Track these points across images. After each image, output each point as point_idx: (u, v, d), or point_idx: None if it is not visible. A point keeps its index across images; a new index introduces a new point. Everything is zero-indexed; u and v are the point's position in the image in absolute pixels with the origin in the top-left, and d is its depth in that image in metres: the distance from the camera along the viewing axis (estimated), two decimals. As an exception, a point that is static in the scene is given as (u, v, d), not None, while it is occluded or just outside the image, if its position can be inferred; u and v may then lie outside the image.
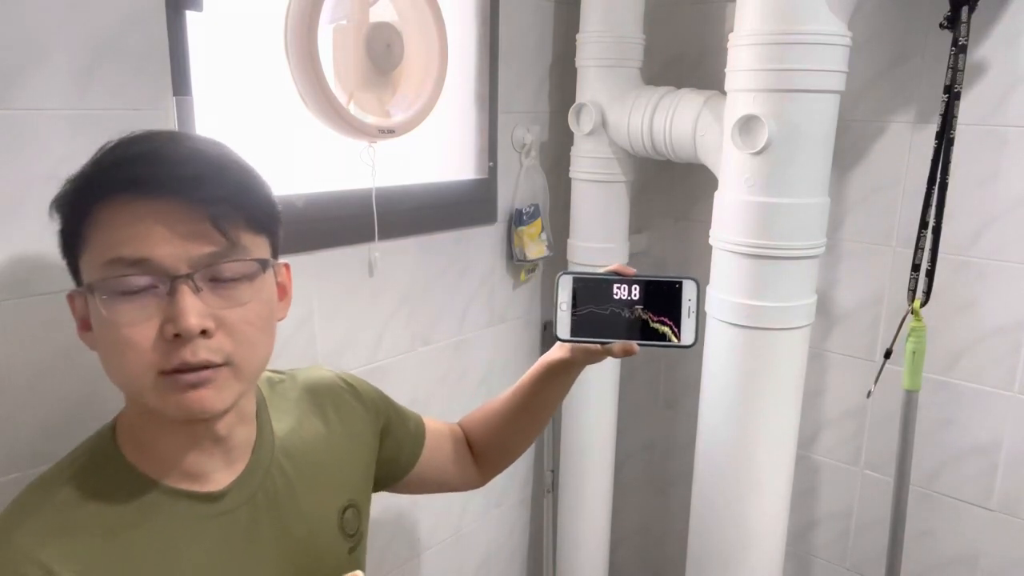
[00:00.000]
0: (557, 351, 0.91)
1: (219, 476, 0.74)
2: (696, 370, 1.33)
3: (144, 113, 0.91)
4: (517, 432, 1.00)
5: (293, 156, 1.14)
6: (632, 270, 0.84)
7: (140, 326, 0.64)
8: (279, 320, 0.76)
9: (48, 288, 0.86)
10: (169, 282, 0.64)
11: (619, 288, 0.83)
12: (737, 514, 1.26)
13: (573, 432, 1.59)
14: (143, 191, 0.64)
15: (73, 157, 0.84)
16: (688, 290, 0.82)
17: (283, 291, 0.77)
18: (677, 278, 0.83)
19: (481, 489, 1.58)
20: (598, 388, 1.56)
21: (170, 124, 0.94)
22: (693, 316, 0.82)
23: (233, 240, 0.67)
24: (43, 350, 0.87)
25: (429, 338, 1.40)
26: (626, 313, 0.83)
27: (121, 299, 0.64)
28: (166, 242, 0.64)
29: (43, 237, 0.85)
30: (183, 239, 0.64)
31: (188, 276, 0.64)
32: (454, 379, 1.47)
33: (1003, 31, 1.19)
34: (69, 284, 0.86)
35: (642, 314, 0.83)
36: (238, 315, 0.68)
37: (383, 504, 1.38)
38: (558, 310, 0.83)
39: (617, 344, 0.83)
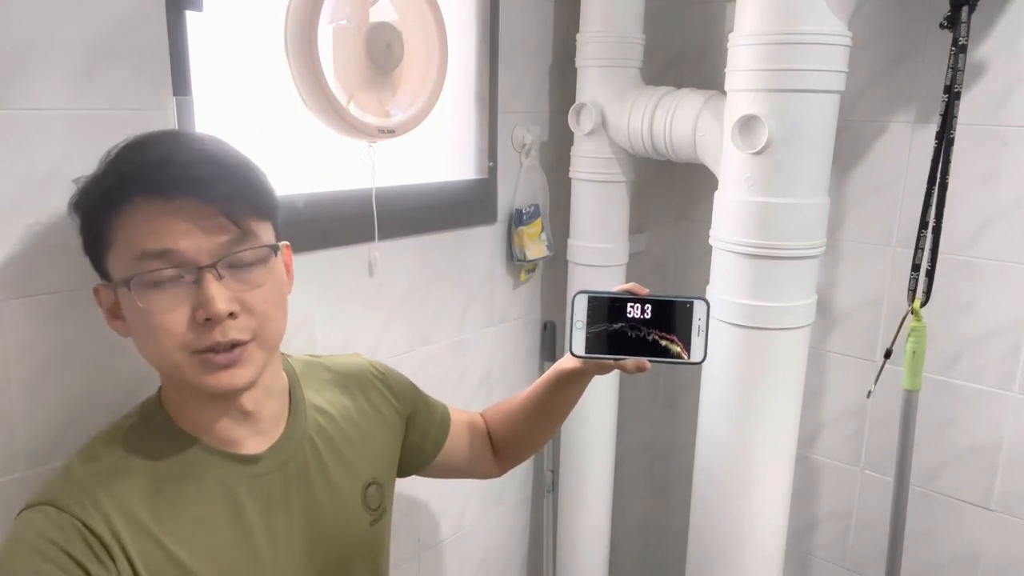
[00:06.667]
0: (570, 361, 0.95)
1: (250, 443, 0.82)
2: (696, 370, 1.33)
3: (144, 113, 0.91)
4: (531, 431, 1.07)
5: (293, 156, 1.14)
6: (645, 290, 0.87)
7: (173, 313, 0.72)
8: (287, 294, 0.83)
9: (48, 287, 0.86)
10: (195, 272, 0.72)
11: (632, 307, 0.86)
12: (737, 514, 1.27)
13: (573, 432, 1.59)
14: (163, 192, 0.70)
15: (73, 157, 0.86)
16: (698, 310, 0.86)
17: (287, 268, 0.85)
18: (688, 298, 0.86)
19: (481, 489, 1.60)
20: (598, 388, 1.55)
21: (170, 124, 0.94)
22: (703, 334, 0.86)
23: (245, 229, 0.74)
24: (43, 349, 0.87)
25: (429, 338, 1.40)
26: (638, 331, 0.86)
27: (153, 290, 0.72)
28: (187, 236, 0.71)
29: (43, 237, 0.85)
30: (202, 232, 0.71)
31: (211, 266, 0.72)
32: (454, 379, 1.47)
33: (1003, 31, 1.19)
34: (69, 283, 0.87)
35: (654, 332, 0.86)
36: (257, 296, 0.76)
37: (383, 504, 1.38)
38: (574, 328, 0.87)
39: (630, 361, 0.87)
